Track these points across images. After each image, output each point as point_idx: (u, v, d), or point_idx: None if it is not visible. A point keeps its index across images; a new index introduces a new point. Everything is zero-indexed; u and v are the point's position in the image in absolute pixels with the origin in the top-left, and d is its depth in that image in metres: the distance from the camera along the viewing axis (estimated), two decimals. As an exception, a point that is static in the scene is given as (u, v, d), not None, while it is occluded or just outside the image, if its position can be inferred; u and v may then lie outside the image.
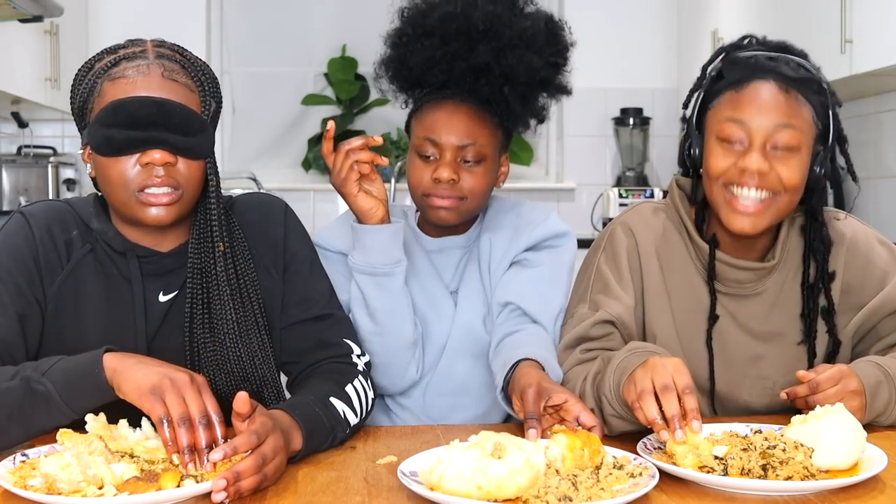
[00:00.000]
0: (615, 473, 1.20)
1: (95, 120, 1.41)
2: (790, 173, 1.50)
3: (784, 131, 1.49)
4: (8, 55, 3.68)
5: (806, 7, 3.52)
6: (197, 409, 1.22)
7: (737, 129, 1.51)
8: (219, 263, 1.48)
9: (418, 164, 1.78)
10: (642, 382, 1.31)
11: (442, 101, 1.77)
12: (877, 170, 3.78)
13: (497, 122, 1.78)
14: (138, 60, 1.43)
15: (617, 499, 1.12)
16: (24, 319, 1.45)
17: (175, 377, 1.24)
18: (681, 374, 1.30)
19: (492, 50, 1.71)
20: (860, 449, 1.27)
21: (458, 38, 1.72)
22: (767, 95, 1.50)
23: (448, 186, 1.74)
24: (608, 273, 1.63)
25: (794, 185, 1.52)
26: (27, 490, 1.15)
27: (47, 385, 1.28)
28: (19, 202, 4.21)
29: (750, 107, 1.50)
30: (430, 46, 1.73)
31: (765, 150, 1.50)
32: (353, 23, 4.80)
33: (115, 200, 1.45)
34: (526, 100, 1.78)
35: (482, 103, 1.76)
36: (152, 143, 1.40)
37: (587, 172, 4.84)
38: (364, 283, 1.70)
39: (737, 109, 1.51)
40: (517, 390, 1.48)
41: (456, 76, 1.74)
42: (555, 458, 1.21)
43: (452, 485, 1.12)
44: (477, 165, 1.76)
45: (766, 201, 1.52)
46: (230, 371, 1.49)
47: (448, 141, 1.74)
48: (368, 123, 4.90)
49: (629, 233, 1.65)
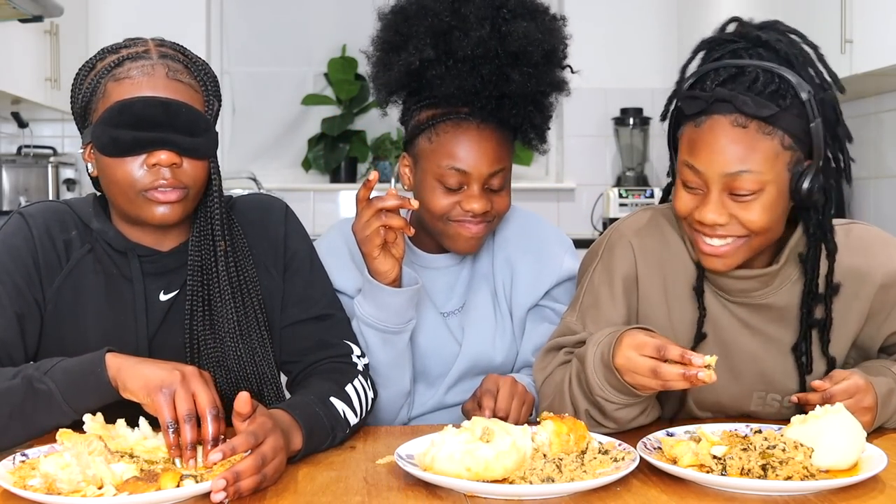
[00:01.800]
0: (599, 458, 1.27)
1: (100, 120, 1.40)
2: (752, 218, 1.39)
3: (741, 177, 1.37)
4: (8, 55, 3.68)
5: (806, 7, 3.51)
6: (207, 400, 1.23)
7: (693, 175, 1.41)
8: (220, 262, 1.48)
9: (440, 193, 1.66)
10: (636, 364, 1.33)
11: (462, 124, 1.64)
12: (877, 170, 3.78)
13: (513, 138, 1.70)
14: (142, 60, 1.42)
15: (597, 479, 1.19)
16: (23, 320, 1.45)
17: (185, 370, 1.25)
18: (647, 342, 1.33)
19: (524, 74, 1.62)
20: (860, 449, 1.27)
21: (490, 63, 1.61)
22: (720, 136, 1.37)
23: (479, 218, 1.66)
24: (600, 288, 1.57)
25: (762, 227, 1.40)
26: (27, 490, 1.15)
27: (49, 384, 1.29)
28: (19, 202, 4.20)
29: (702, 152, 1.39)
30: (458, 72, 1.62)
31: (722, 198, 1.39)
32: (353, 23, 4.79)
33: (119, 200, 1.44)
34: (547, 113, 1.72)
35: (502, 122, 1.66)
36: (159, 144, 1.39)
37: (587, 172, 4.84)
38: (370, 336, 1.62)
39: (692, 154, 1.40)
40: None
41: (482, 102, 1.63)
42: (542, 443, 1.27)
43: (443, 466, 1.20)
44: (503, 190, 1.68)
45: (733, 244, 1.43)
46: (230, 369, 1.49)
47: (478, 171, 1.63)
48: (368, 123, 4.90)
49: (628, 247, 1.57)
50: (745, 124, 1.37)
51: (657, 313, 1.55)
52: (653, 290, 1.56)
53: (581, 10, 4.57)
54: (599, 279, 1.58)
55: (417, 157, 1.70)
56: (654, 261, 1.56)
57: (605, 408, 1.43)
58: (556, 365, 1.56)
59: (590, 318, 1.57)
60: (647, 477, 1.26)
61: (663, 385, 1.32)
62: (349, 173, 4.88)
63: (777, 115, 1.37)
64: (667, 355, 1.30)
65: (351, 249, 1.75)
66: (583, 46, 1.86)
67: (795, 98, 1.38)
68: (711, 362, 1.28)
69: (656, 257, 1.56)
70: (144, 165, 1.40)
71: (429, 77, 1.64)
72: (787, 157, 1.39)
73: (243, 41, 4.90)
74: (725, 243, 1.43)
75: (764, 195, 1.39)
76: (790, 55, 1.44)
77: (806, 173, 1.40)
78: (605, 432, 1.44)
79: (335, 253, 1.76)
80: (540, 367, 1.59)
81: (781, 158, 1.39)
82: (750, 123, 1.37)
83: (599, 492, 1.20)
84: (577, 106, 4.48)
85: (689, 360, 1.28)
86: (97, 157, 1.44)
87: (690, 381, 1.28)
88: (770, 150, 1.38)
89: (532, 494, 1.18)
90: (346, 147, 4.85)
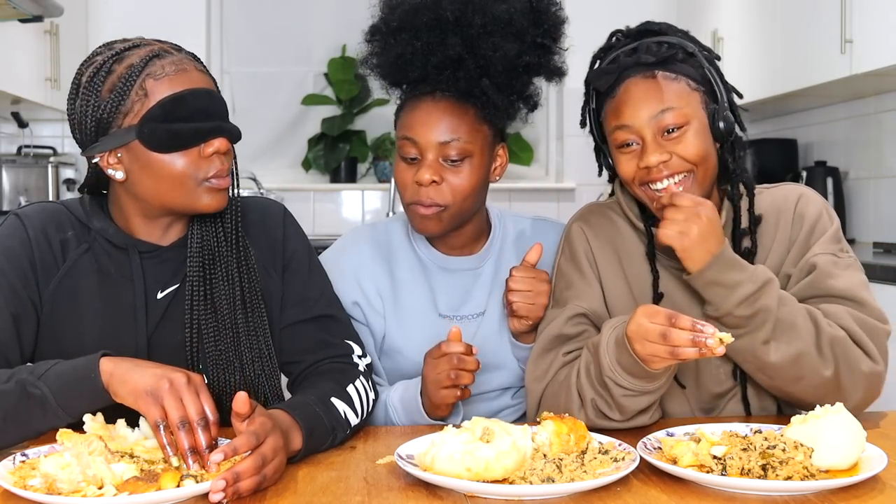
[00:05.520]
0: (599, 458, 1.27)
1: (149, 118, 1.39)
2: (688, 148, 1.51)
3: (666, 115, 1.51)
4: (8, 55, 3.68)
5: (806, 7, 3.52)
6: (195, 410, 1.22)
7: (625, 133, 1.54)
8: (222, 245, 1.50)
9: (402, 168, 1.70)
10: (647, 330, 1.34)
11: (420, 98, 1.68)
12: (877, 170, 3.78)
13: (481, 115, 1.68)
14: (169, 56, 1.43)
15: (597, 479, 1.19)
16: (19, 320, 1.45)
17: (172, 378, 1.24)
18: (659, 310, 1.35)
19: (463, 41, 1.62)
20: (860, 449, 1.27)
21: (429, 31, 1.63)
22: (636, 90, 1.53)
23: (432, 191, 1.66)
24: (570, 270, 1.65)
25: (700, 155, 1.52)
26: (27, 490, 1.15)
27: (43, 389, 1.28)
28: (19, 202, 4.21)
29: (626, 108, 1.53)
30: (401, 42, 1.65)
31: (657, 140, 1.52)
32: (353, 23, 4.73)
33: (171, 195, 1.44)
34: (507, 90, 1.68)
35: (462, 96, 1.66)
36: (217, 132, 1.43)
37: (587, 172, 4.76)
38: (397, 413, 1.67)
39: (618, 116, 1.54)
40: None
41: (431, 71, 1.65)
42: (542, 443, 1.27)
43: (443, 466, 1.20)
44: (461, 163, 1.66)
45: (682, 181, 1.52)
46: (230, 361, 1.49)
47: (428, 139, 1.66)
48: (368, 123, 4.91)
49: (581, 229, 1.67)
50: (652, 75, 1.53)
51: (617, 285, 1.63)
52: (608, 266, 1.64)
53: (581, 10, 4.57)
54: (566, 265, 1.66)
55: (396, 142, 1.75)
56: (605, 239, 1.66)
57: (613, 392, 1.43)
58: (557, 368, 1.56)
59: (567, 298, 1.62)
60: (647, 477, 1.26)
61: (672, 352, 1.32)
62: (349, 173, 4.89)
63: (675, 64, 1.54)
64: (678, 324, 1.32)
65: (353, 260, 1.78)
66: (583, 46, 1.85)
67: (686, 54, 1.55)
68: (726, 339, 1.29)
69: (605, 235, 1.66)
70: (200, 155, 1.42)
71: (379, 52, 1.69)
72: (698, 97, 1.54)
73: (243, 41, 4.91)
74: (675, 182, 1.52)
75: (690, 128, 1.52)
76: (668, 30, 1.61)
77: (719, 113, 1.54)
78: (608, 427, 1.45)
79: (338, 262, 1.78)
80: (535, 376, 1.58)
81: (694, 97, 1.54)
82: (657, 73, 1.53)
83: (599, 492, 1.20)
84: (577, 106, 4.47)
85: (699, 329, 1.30)
86: (138, 158, 1.42)
87: (699, 348, 1.30)
88: (680, 89, 1.53)
89: (532, 494, 1.18)
90: (346, 147, 4.85)
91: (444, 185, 1.67)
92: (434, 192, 1.66)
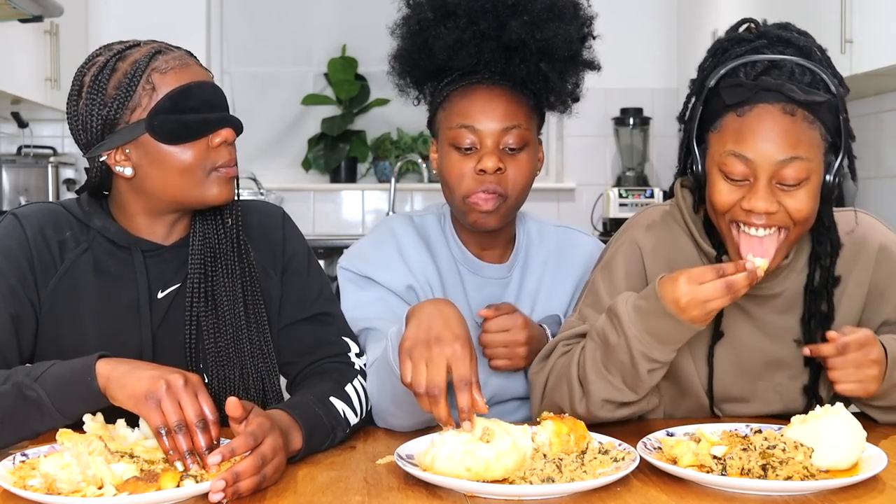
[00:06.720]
0: (600, 458, 1.27)
1: (158, 110, 1.40)
2: (800, 206, 1.40)
3: (791, 165, 1.38)
4: (8, 55, 3.68)
5: (806, 7, 3.51)
6: (193, 412, 1.22)
7: (740, 165, 1.40)
8: (224, 244, 1.50)
9: (455, 159, 1.63)
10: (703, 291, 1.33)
11: (473, 87, 1.63)
12: (877, 170, 3.78)
13: (533, 103, 1.65)
14: (170, 52, 1.46)
15: (597, 479, 1.19)
16: (18, 321, 1.44)
17: (169, 380, 1.23)
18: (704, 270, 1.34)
19: (525, 24, 1.57)
20: (860, 449, 1.27)
21: (487, 16, 1.58)
22: (772, 125, 1.38)
23: (494, 179, 1.60)
24: (601, 290, 1.56)
25: (805, 217, 1.42)
26: (27, 490, 1.15)
27: (39, 392, 1.28)
28: (19, 202, 4.21)
29: (752, 139, 1.38)
30: (455, 28, 1.59)
31: (771, 186, 1.39)
32: (353, 23, 4.80)
33: (181, 188, 1.44)
34: (565, 76, 1.65)
35: (517, 85, 1.62)
36: (224, 123, 1.45)
37: (587, 172, 4.84)
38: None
39: (739, 142, 1.39)
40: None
41: (486, 57, 1.60)
42: (543, 443, 1.27)
43: (443, 466, 1.21)
44: (521, 152, 1.62)
45: (775, 234, 1.43)
46: (230, 360, 1.49)
47: (488, 127, 1.60)
48: (368, 123, 4.90)
49: (636, 244, 1.57)
50: (793, 112, 1.38)
51: None
52: None
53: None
54: (600, 282, 1.58)
55: (437, 133, 1.69)
56: (662, 256, 1.56)
57: (639, 367, 1.38)
58: (556, 358, 1.53)
59: (587, 316, 1.56)
60: (647, 477, 1.26)
61: (733, 296, 1.33)
62: (349, 173, 4.88)
63: (818, 108, 1.39)
64: (727, 271, 1.33)
65: (399, 244, 1.71)
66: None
67: (827, 92, 1.40)
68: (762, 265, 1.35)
69: (663, 253, 1.56)
70: (208, 146, 1.44)
71: (430, 39, 1.62)
72: (824, 148, 1.42)
73: (243, 41, 4.90)
74: (767, 233, 1.42)
75: (809, 184, 1.40)
76: (812, 52, 1.45)
77: (832, 167, 1.42)
78: (608, 417, 1.45)
79: (382, 247, 1.71)
80: (535, 369, 1.56)
81: (821, 149, 1.41)
82: (797, 112, 1.38)
83: (599, 492, 1.20)
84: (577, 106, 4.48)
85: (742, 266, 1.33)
86: (147, 152, 1.42)
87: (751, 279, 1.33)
88: (814, 139, 1.40)
89: (532, 494, 1.18)
90: (346, 147, 4.85)
91: (506, 175, 1.62)
92: (498, 180, 1.61)
